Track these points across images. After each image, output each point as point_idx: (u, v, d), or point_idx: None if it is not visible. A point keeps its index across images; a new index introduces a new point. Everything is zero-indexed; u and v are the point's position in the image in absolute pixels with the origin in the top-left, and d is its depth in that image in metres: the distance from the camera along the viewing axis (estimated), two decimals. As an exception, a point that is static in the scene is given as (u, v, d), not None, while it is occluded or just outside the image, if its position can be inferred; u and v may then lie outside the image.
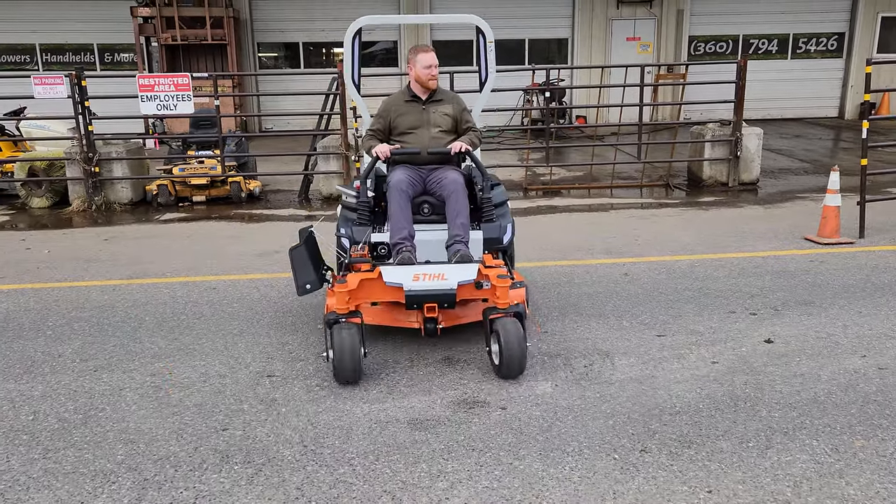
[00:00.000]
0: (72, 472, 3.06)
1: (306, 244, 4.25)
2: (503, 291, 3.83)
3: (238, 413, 3.55)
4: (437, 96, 4.63)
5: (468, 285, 3.91)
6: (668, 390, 3.70)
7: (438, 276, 3.87)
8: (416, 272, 3.89)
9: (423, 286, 3.84)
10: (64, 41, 16.52)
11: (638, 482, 2.91)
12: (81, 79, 8.56)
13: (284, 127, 16.19)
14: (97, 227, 8.04)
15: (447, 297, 3.86)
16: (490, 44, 4.94)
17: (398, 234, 4.19)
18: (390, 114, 4.59)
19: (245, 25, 16.43)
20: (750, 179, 9.46)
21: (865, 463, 3.02)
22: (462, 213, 4.24)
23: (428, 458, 3.11)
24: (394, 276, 3.87)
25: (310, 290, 4.23)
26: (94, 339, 4.56)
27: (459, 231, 4.21)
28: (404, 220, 4.22)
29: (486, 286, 3.93)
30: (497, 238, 4.41)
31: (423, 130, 4.52)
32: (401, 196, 4.25)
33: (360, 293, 3.91)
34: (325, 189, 9.22)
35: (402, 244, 4.16)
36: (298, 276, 4.22)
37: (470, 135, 4.58)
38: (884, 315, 4.72)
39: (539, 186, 9.76)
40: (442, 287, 3.84)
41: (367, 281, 3.90)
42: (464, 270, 3.91)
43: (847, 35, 17.51)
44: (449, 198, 4.29)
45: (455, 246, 4.16)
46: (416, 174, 4.45)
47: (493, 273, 3.91)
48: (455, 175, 4.37)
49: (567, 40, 17.23)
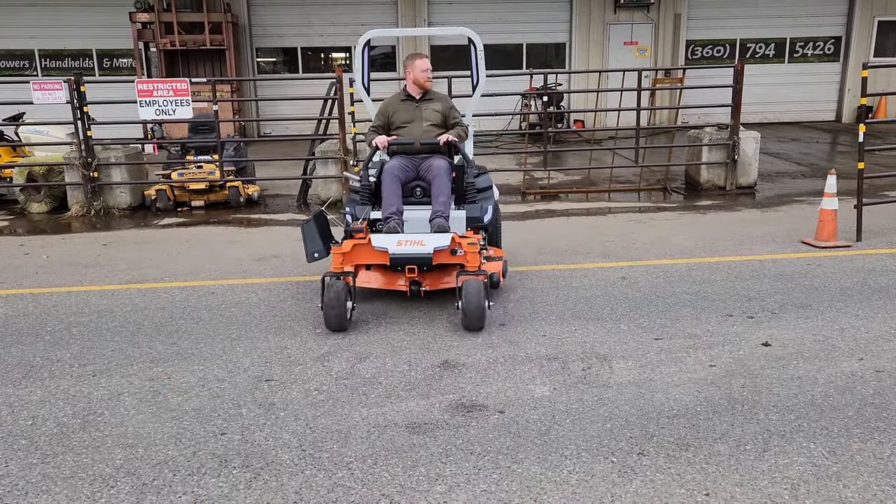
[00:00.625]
0: (70, 476, 3.07)
1: (315, 219, 5.12)
2: (473, 256, 4.63)
3: (236, 417, 3.55)
4: (429, 96, 5.38)
5: (444, 251, 4.61)
6: (665, 393, 3.71)
7: (418, 242, 4.60)
8: (399, 239, 4.64)
9: (404, 250, 4.56)
10: (63, 47, 16.54)
11: (636, 485, 2.92)
12: (80, 84, 8.58)
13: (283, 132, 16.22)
14: (96, 232, 8.05)
15: (424, 259, 4.58)
16: (480, 52, 5.64)
17: (388, 209, 4.95)
18: (388, 111, 5.37)
19: (243, 31, 16.46)
20: (747, 183, 9.48)
21: (863, 465, 3.03)
22: (444, 193, 4.98)
23: (426, 462, 3.12)
24: (381, 242, 4.62)
25: (317, 258, 5.06)
26: (92, 344, 4.56)
27: (440, 207, 4.94)
28: (394, 198, 4.97)
29: (459, 253, 4.65)
30: (478, 217, 5.10)
31: (416, 124, 5.29)
32: (393, 179, 5.01)
33: (353, 256, 4.69)
34: (323, 193, 9.23)
35: (391, 217, 4.91)
36: (307, 245, 5.07)
37: (457, 129, 5.29)
38: (881, 318, 4.74)
39: (537, 191, 9.77)
40: (420, 252, 4.55)
41: (359, 246, 4.66)
42: (440, 238, 4.66)
43: (844, 39, 17.57)
44: (434, 180, 5.05)
45: (436, 220, 4.89)
46: (410, 162, 5.21)
47: (465, 241, 4.68)
48: (441, 162, 5.12)
49: (565, 44, 17.28)
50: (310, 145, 9.66)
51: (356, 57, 5.61)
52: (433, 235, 4.72)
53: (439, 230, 4.80)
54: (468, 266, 4.64)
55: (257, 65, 17.11)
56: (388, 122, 5.36)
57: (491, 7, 16.58)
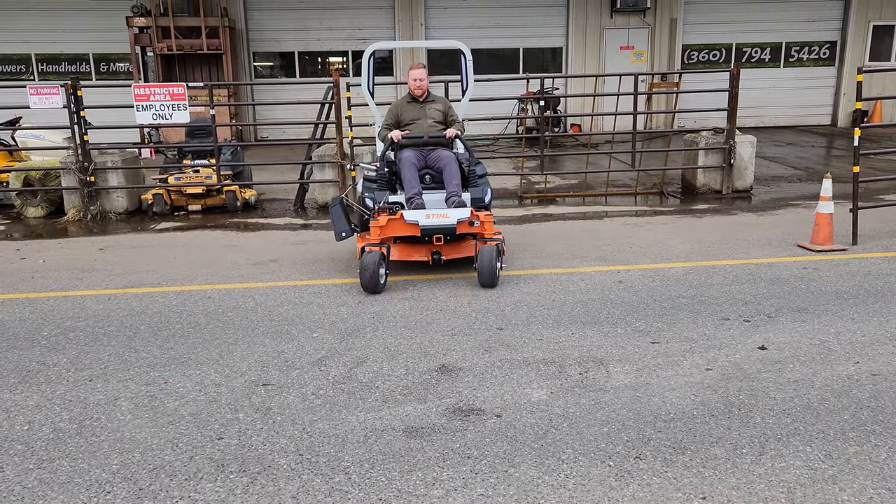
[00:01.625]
0: (67, 481, 3.06)
1: (341, 204, 5.97)
2: (489, 225, 5.64)
3: (233, 422, 3.55)
4: (431, 98, 6.38)
5: (464, 222, 5.53)
6: (662, 397, 3.72)
7: (443, 215, 5.55)
8: (427, 213, 5.57)
9: (432, 222, 5.50)
10: (59, 51, 16.53)
11: (633, 489, 2.92)
12: (77, 88, 8.57)
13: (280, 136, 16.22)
14: (92, 236, 8.04)
15: (450, 229, 5.52)
16: (469, 61, 6.68)
17: (411, 191, 5.82)
18: (398, 111, 6.31)
19: (240, 35, 16.47)
20: (743, 187, 9.50)
21: (859, 469, 3.03)
22: (455, 177, 5.89)
23: (423, 466, 3.12)
24: (412, 216, 5.52)
25: (344, 237, 5.90)
26: (89, 349, 4.56)
27: (455, 189, 5.84)
28: (414, 182, 5.86)
29: (476, 224, 5.57)
30: (480, 198, 5.89)
31: (423, 121, 6.23)
32: (411, 167, 5.90)
33: (387, 229, 5.54)
34: (320, 198, 9.23)
35: (414, 197, 5.78)
36: (336, 225, 5.89)
37: (458, 125, 6.27)
38: (877, 321, 4.75)
39: (534, 195, 9.79)
40: (446, 223, 5.51)
41: (393, 221, 5.53)
42: (461, 212, 5.60)
43: (839, 43, 17.64)
44: (445, 168, 5.95)
45: (452, 198, 5.80)
46: (419, 153, 6.08)
47: (481, 214, 5.64)
48: (448, 153, 6.07)
49: (561, 49, 17.31)
50: (307, 149, 9.65)
51: (363, 66, 6.54)
52: (455, 209, 5.62)
53: (459, 206, 5.69)
54: (485, 234, 5.60)
55: (254, 69, 17.11)
56: (398, 121, 6.26)
57: (488, 12, 16.61)
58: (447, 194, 5.84)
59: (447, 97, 7.82)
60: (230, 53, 15.40)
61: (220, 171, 8.87)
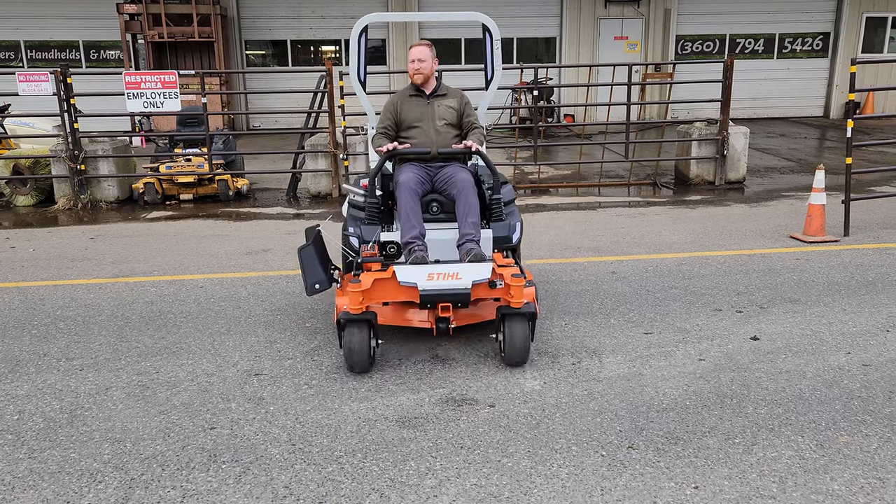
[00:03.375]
0: (57, 471, 3.04)
1: (314, 243, 4.25)
2: (517, 291, 3.85)
3: (225, 412, 3.54)
4: (441, 91, 4.68)
5: (482, 284, 3.88)
6: (655, 387, 3.73)
7: (452, 275, 3.84)
8: (430, 271, 3.86)
9: (437, 285, 3.82)
10: (49, 38, 16.38)
11: (625, 479, 2.93)
12: (67, 76, 8.49)
13: (272, 125, 16.16)
14: (83, 225, 7.98)
15: (462, 296, 3.83)
16: (497, 42, 4.92)
17: (409, 233, 4.16)
18: (396, 108, 4.62)
19: (232, 23, 16.35)
20: (736, 178, 9.52)
21: (850, 458, 3.05)
22: (472, 212, 4.23)
23: (416, 456, 3.11)
24: (408, 276, 3.84)
25: (319, 289, 4.21)
26: (79, 338, 4.53)
27: (471, 230, 4.18)
28: (415, 218, 4.20)
29: (499, 285, 3.90)
30: (506, 237, 4.44)
31: (428, 123, 4.56)
32: (410, 195, 4.23)
33: (373, 293, 3.88)
34: (313, 187, 9.20)
35: (413, 243, 4.13)
36: (308, 276, 4.20)
37: (477, 133, 4.55)
38: (868, 312, 4.77)
39: (527, 185, 9.78)
40: (456, 286, 3.82)
41: (381, 280, 3.87)
42: (478, 269, 3.88)
43: (832, 35, 17.67)
44: (459, 196, 4.27)
45: (467, 245, 4.14)
46: (424, 172, 4.44)
47: (507, 272, 3.92)
48: (464, 174, 4.36)
49: (555, 39, 17.28)
50: (299, 139, 9.61)
51: (352, 45, 4.82)
52: (469, 266, 3.92)
53: (475, 259, 4.01)
54: (512, 302, 3.87)
55: (246, 57, 17.00)
56: (396, 121, 4.63)
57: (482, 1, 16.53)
58: (460, 236, 4.22)
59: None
60: (222, 41, 15.30)
61: (211, 160, 8.82)
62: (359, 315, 3.80)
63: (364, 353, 3.81)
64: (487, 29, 4.90)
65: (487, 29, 4.90)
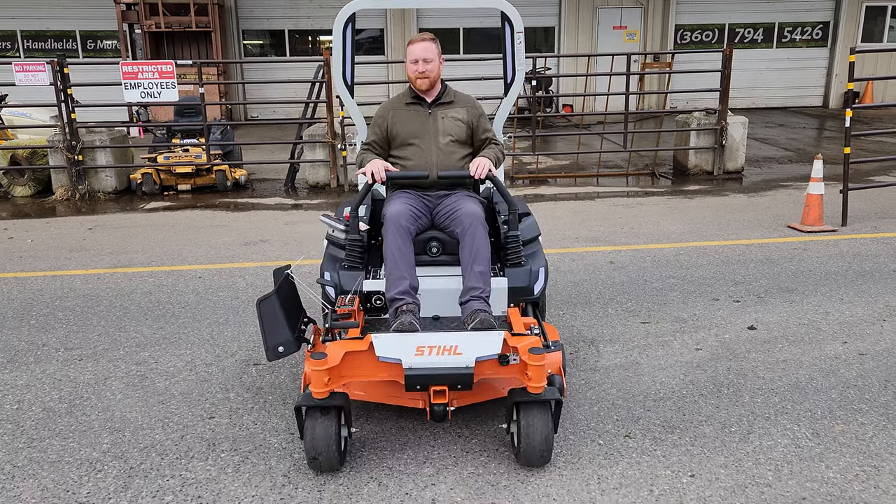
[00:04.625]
0: (57, 460, 3.06)
1: (278, 293, 3.20)
2: (537, 372, 2.82)
3: (224, 401, 3.55)
4: (447, 98, 3.68)
5: (490, 360, 2.90)
6: (652, 377, 3.74)
7: (450, 349, 2.87)
8: (420, 343, 2.90)
9: (429, 362, 2.82)
10: (46, 28, 16.31)
11: (622, 467, 2.95)
12: (64, 66, 8.46)
13: (270, 115, 16.11)
14: (81, 215, 7.98)
15: (461, 378, 2.83)
16: (519, 35, 4.01)
17: (396, 287, 3.23)
18: (387, 121, 3.65)
19: (229, 13, 16.28)
20: (735, 168, 9.52)
21: (845, 447, 3.07)
22: (480, 258, 3.28)
23: (414, 445, 3.13)
24: (390, 350, 2.86)
25: (283, 353, 3.18)
26: (78, 329, 4.54)
27: (477, 283, 3.26)
28: (404, 266, 3.26)
29: (513, 361, 2.92)
30: (526, 287, 3.43)
31: (430, 140, 3.59)
32: (400, 234, 3.29)
33: (344, 370, 2.90)
34: (311, 178, 9.19)
35: (401, 300, 3.21)
36: (268, 336, 3.18)
37: (493, 149, 3.59)
38: (865, 302, 4.78)
39: (526, 175, 9.77)
40: (455, 364, 2.82)
41: (355, 354, 2.89)
42: (484, 341, 2.92)
43: (832, 24, 17.61)
44: (464, 236, 3.32)
45: (472, 303, 3.23)
46: (421, 203, 3.53)
47: (524, 344, 2.88)
48: (472, 205, 3.40)
49: (554, 29, 17.22)
50: (297, 129, 9.59)
51: (335, 40, 3.86)
52: (473, 336, 2.97)
53: (482, 326, 3.09)
54: (529, 386, 2.84)
55: (244, 47, 16.94)
56: (387, 136, 3.66)
57: (480, -10, 16.47)
58: (464, 291, 3.29)
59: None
60: (219, 31, 15.24)
61: (209, 151, 8.80)
62: (323, 400, 2.81)
63: (331, 449, 2.83)
64: (508, 18, 3.99)
65: (508, 18, 3.99)
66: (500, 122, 4.17)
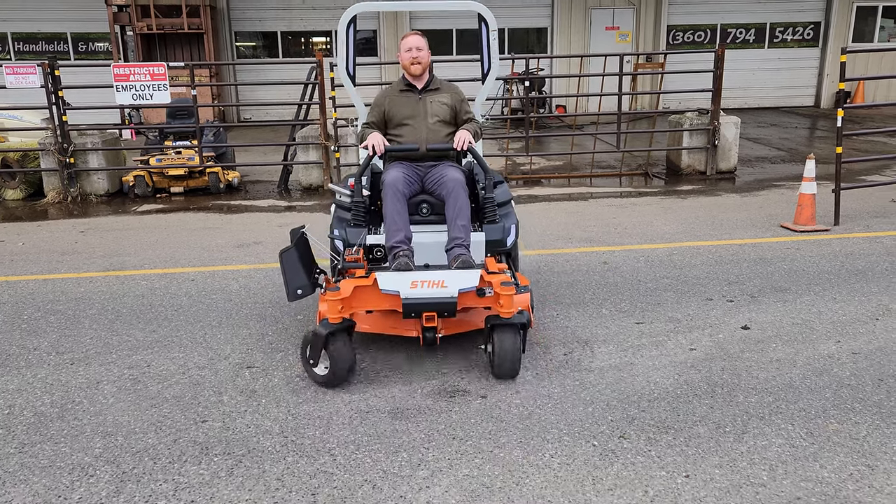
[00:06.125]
0: (48, 465, 3.03)
1: (297, 246, 4.02)
2: (507, 300, 3.60)
3: (217, 405, 3.53)
4: (434, 85, 4.41)
5: (470, 293, 3.67)
6: (646, 377, 3.74)
7: (438, 283, 3.61)
8: (413, 279, 3.63)
9: (421, 294, 3.59)
10: (37, 30, 16.22)
11: (617, 468, 2.94)
12: (55, 68, 8.42)
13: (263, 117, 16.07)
14: (73, 218, 7.94)
15: (447, 305, 3.61)
16: (493, 32, 4.72)
17: (394, 237, 3.94)
18: (384, 104, 4.39)
19: (222, 14, 16.24)
20: (727, 168, 9.54)
21: (839, 446, 3.07)
22: (462, 214, 4.00)
23: (408, 448, 3.12)
24: (390, 284, 3.61)
25: (301, 295, 3.97)
26: (70, 332, 4.51)
27: (460, 234, 3.97)
28: (400, 221, 3.98)
29: (488, 293, 3.69)
30: (500, 240, 4.20)
31: (420, 121, 4.30)
32: (396, 196, 3.99)
33: (353, 301, 3.67)
34: (304, 179, 9.17)
35: (398, 248, 3.92)
36: (289, 281, 3.97)
37: (472, 124, 4.32)
38: (857, 301, 4.80)
39: (519, 176, 9.77)
40: (442, 295, 3.59)
41: (362, 288, 3.66)
42: (465, 277, 3.66)
43: (823, 24, 17.68)
44: (449, 197, 4.04)
45: (455, 250, 3.92)
46: (413, 171, 4.21)
47: (497, 280, 3.65)
48: (455, 173, 4.12)
49: (546, 29, 17.23)
50: (290, 130, 9.57)
51: (340, 37, 4.66)
52: (456, 273, 3.71)
53: (463, 266, 3.80)
54: (501, 312, 3.61)
55: (236, 49, 16.89)
56: (384, 118, 4.39)
57: (473, -9, 16.47)
58: (448, 241, 4.01)
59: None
60: (211, 33, 15.19)
61: (202, 153, 8.77)
62: (338, 325, 3.58)
63: (347, 361, 3.60)
64: (483, 19, 4.67)
65: (483, 19, 4.67)
66: (479, 104, 4.85)
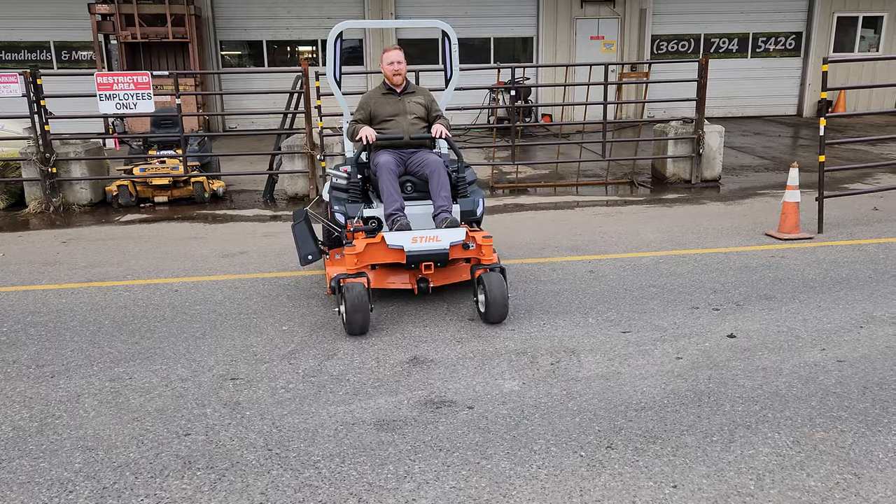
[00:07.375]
0: (27, 481, 2.97)
1: (305, 220, 5.08)
2: (488, 249, 4.65)
3: (201, 417, 3.48)
4: (410, 89, 5.37)
5: (458, 246, 4.59)
6: (633, 386, 3.73)
7: (433, 238, 4.56)
8: (414, 235, 4.57)
9: (421, 247, 4.52)
10: (19, 39, 16.09)
11: (604, 479, 2.92)
12: (37, 77, 8.34)
13: (248, 126, 16.00)
14: (55, 229, 7.84)
15: (441, 255, 4.56)
16: (454, 45, 5.68)
17: (392, 206, 4.83)
18: (370, 105, 5.27)
19: (207, 23, 16.18)
20: (712, 176, 9.60)
21: (826, 455, 3.07)
22: (445, 187, 4.93)
23: (395, 460, 3.09)
24: (395, 240, 4.55)
25: (311, 260, 5.06)
26: (50, 345, 4.44)
27: (444, 202, 4.90)
28: (395, 193, 4.87)
29: (472, 247, 4.64)
30: (472, 210, 5.12)
31: (402, 118, 5.23)
32: (390, 174, 4.88)
33: (365, 256, 4.57)
34: (290, 188, 9.12)
35: (396, 214, 4.81)
36: (301, 248, 5.06)
37: (444, 120, 5.28)
38: (842, 308, 4.82)
39: (505, 185, 9.78)
40: (437, 247, 4.53)
41: (372, 245, 4.57)
42: (454, 233, 4.62)
43: (804, 34, 17.89)
44: (432, 175, 4.96)
45: (442, 214, 4.85)
46: (398, 157, 5.09)
47: (479, 234, 4.69)
48: (435, 157, 5.09)
49: (532, 39, 17.31)
50: (276, 140, 9.53)
51: (328, 49, 5.49)
52: (447, 230, 4.65)
53: (451, 225, 4.75)
54: (483, 259, 4.66)
55: (221, 58, 16.84)
56: (370, 116, 5.26)
57: (459, 1, 16.54)
58: (435, 209, 4.91)
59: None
60: (196, 42, 15.14)
61: (186, 162, 8.71)
62: (355, 273, 4.49)
63: (364, 306, 4.31)
64: (446, 34, 5.67)
65: (446, 34, 5.67)
66: (444, 104, 5.81)
